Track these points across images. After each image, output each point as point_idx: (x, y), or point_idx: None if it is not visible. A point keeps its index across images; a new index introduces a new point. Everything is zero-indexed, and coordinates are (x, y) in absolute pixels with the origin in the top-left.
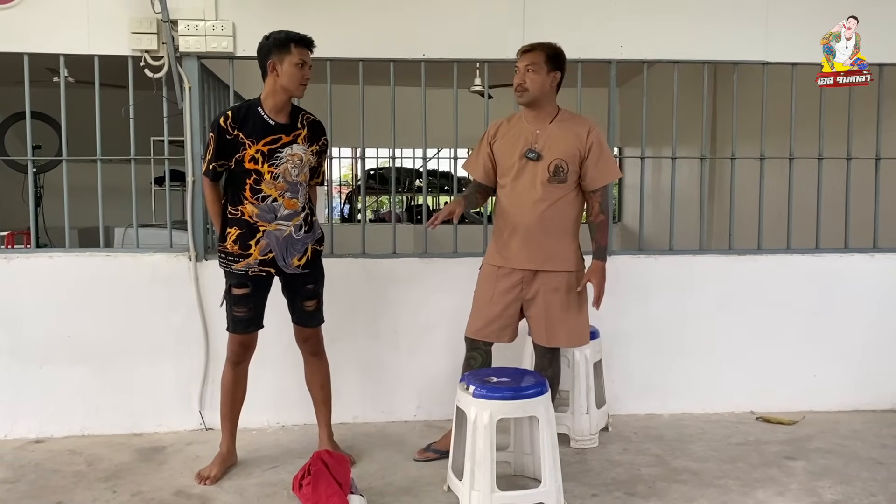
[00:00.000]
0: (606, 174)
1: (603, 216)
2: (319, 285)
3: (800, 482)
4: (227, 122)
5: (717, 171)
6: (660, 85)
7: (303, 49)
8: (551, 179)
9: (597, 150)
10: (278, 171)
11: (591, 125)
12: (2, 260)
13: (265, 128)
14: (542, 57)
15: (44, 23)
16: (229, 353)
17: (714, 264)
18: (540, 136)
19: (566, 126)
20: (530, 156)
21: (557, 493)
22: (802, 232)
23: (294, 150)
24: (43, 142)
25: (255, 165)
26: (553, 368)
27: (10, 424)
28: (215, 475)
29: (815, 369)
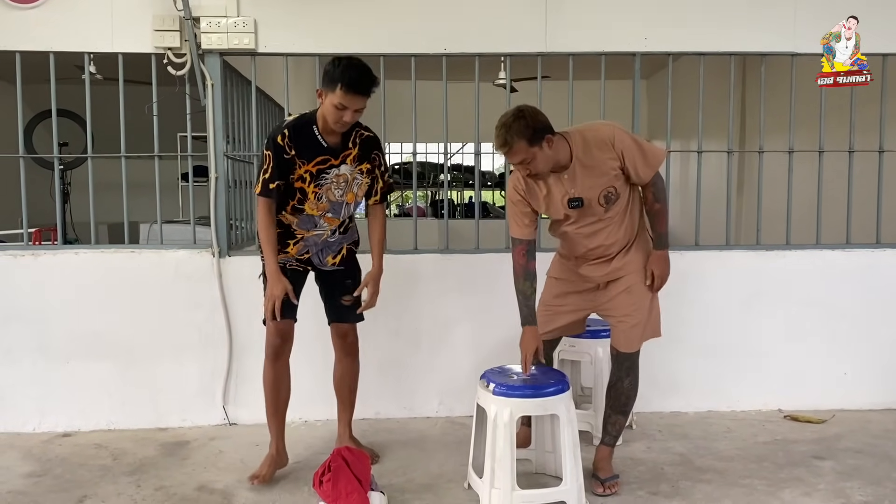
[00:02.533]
0: (651, 164)
1: (658, 205)
2: (357, 281)
3: (828, 482)
4: (284, 141)
5: (745, 164)
6: (688, 77)
7: (348, 95)
8: (608, 207)
9: (629, 151)
10: (321, 192)
11: (606, 132)
12: (30, 256)
13: (317, 148)
14: (524, 146)
15: (68, 22)
16: (267, 348)
17: (741, 260)
18: (570, 179)
19: (592, 155)
20: (574, 205)
21: (579, 491)
22: (832, 227)
23: (341, 171)
24: (70, 139)
25: (302, 184)
26: (631, 379)
27: (39, 419)
28: (265, 476)
29: (846, 367)
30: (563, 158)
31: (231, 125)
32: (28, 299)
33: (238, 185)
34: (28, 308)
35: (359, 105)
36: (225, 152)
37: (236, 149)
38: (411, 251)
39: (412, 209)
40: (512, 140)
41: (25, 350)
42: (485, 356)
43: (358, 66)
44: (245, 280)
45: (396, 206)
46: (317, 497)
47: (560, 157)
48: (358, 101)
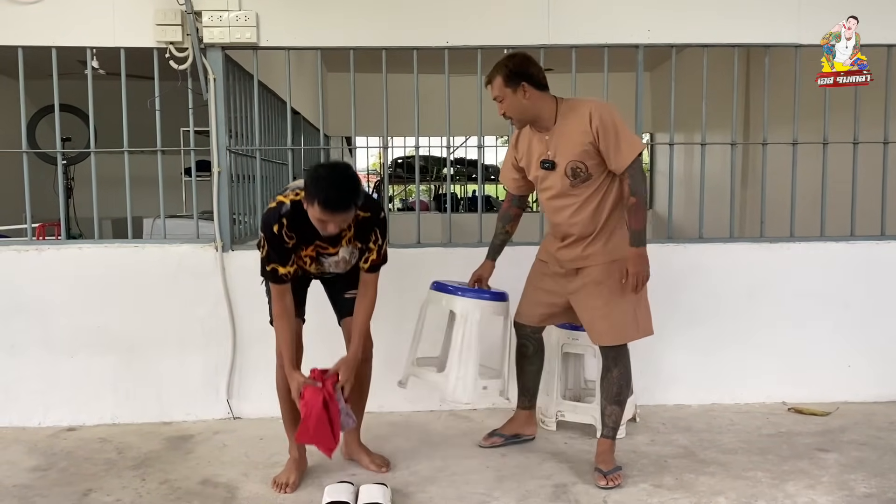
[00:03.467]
0: (627, 153)
1: (634, 198)
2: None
3: (832, 475)
4: (281, 232)
5: (749, 157)
6: (691, 69)
7: (326, 212)
8: (574, 183)
9: (605, 131)
10: (322, 268)
11: (591, 107)
12: (33, 251)
13: (314, 234)
14: (500, 81)
15: (70, 17)
16: (278, 356)
17: (745, 252)
18: (550, 140)
19: (568, 122)
20: (545, 166)
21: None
22: (837, 219)
23: (340, 255)
24: (73, 134)
25: (302, 264)
26: (620, 369)
27: (43, 413)
28: (294, 481)
29: (850, 360)
30: (546, 117)
31: (233, 119)
32: (32, 294)
33: (241, 179)
34: (32, 303)
35: (342, 220)
36: (228, 147)
37: (239, 143)
38: (414, 245)
39: (415, 203)
40: (492, 74)
41: (30, 344)
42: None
43: (337, 183)
44: (248, 274)
45: (400, 199)
46: (319, 490)
47: (540, 114)
48: (340, 218)
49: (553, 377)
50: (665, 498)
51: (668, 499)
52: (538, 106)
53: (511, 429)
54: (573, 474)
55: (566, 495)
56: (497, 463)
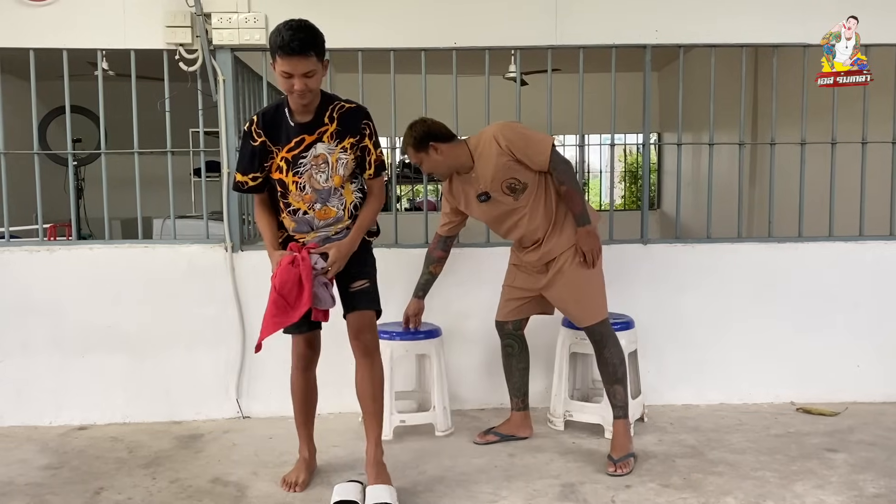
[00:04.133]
0: (541, 153)
1: (564, 187)
2: (368, 266)
3: (841, 475)
4: (252, 128)
5: (758, 156)
6: (699, 69)
7: (285, 58)
8: (516, 197)
9: (514, 144)
10: (303, 181)
11: (493, 132)
12: (45, 252)
13: (289, 130)
14: (412, 151)
15: (81, 18)
16: (294, 358)
17: (753, 252)
18: (476, 178)
19: (483, 154)
20: (483, 199)
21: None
22: (845, 219)
23: (318, 151)
24: (84, 135)
25: (280, 175)
26: (609, 348)
27: (55, 412)
28: (303, 481)
29: (859, 360)
30: (464, 161)
31: (242, 120)
32: (43, 294)
33: None
34: (44, 302)
35: (302, 69)
36: (237, 147)
37: None
38: (421, 245)
39: (422, 203)
40: (404, 145)
41: (42, 344)
42: (494, 349)
43: (292, 26)
44: (258, 274)
45: (407, 199)
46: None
47: (458, 161)
48: (300, 64)
49: (560, 377)
50: (673, 497)
51: (677, 498)
52: (454, 155)
53: (507, 429)
54: (581, 474)
55: (574, 495)
56: (505, 462)
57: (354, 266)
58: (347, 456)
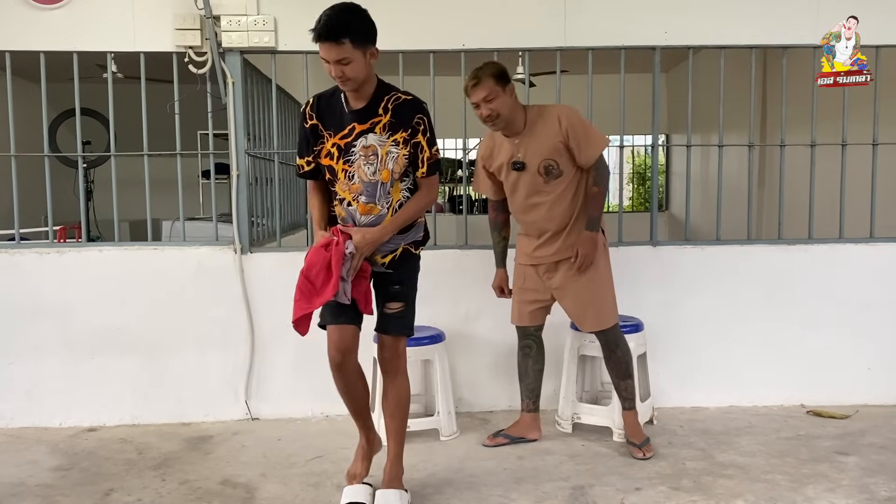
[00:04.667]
0: (593, 149)
1: (596, 188)
2: (409, 287)
3: (852, 478)
4: (306, 109)
5: (767, 158)
6: (708, 71)
7: (321, 45)
8: (547, 180)
9: (574, 130)
10: (352, 170)
11: (559, 111)
12: (55, 254)
13: (342, 115)
14: (492, 82)
15: (91, 21)
16: (329, 360)
17: (763, 254)
18: (519, 145)
19: (538, 126)
20: (517, 167)
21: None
22: (856, 220)
23: (368, 142)
24: (93, 138)
25: (331, 161)
26: (620, 348)
27: (65, 413)
28: (359, 473)
29: (869, 362)
30: (518, 123)
31: (252, 123)
32: (54, 296)
33: (259, 182)
34: (54, 304)
35: (335, 55)
36: (246, 150)
37: (257, 146)
38: (430, 247)
39: None
40: (482, 74)
41: (52, 346)
42: (504, 351)
43: (332, 9)
44: (267, 276)
45: None
46: (336, 488)
47: (516, 118)
48: (332, 51)
49: (569, 380)
50: (683, 500)
51: (686, 501)
52: (517, 107)
53: (517, 431)
54: (591, 476)
55: (584, 497)
56: (514, 465)
57: (396, 283)
58: None
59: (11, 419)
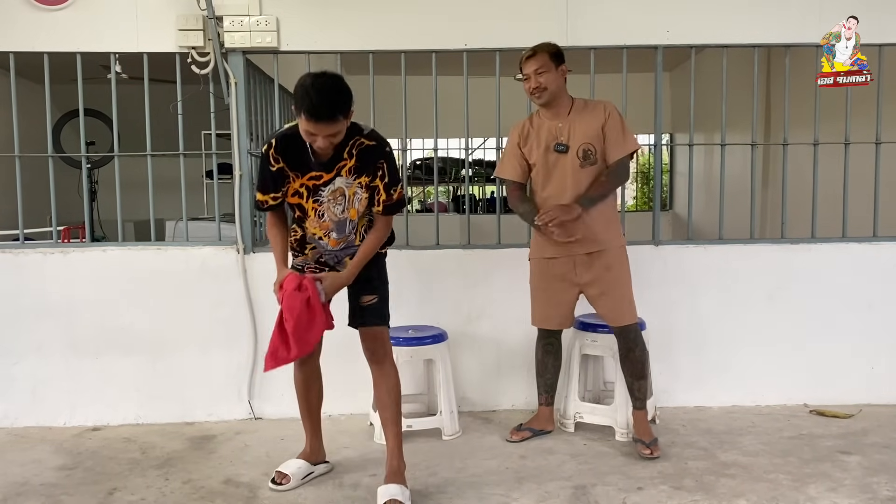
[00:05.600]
0: (623, 147)
1: (605, 178)
2: (379, 281)
3: (854, 478)
4: (270, 152)
5: (770, 157)
6: (711, 70)
7: (311, 122)
8: (583, 164)
9: (614, 122)
10: (322, 209)
11: (606, 103)
12: (59, 254)
13: (308, 160)
14: (547, 57)
15: (94, 22)
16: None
17: (766, 254)
18: (563, 128)
19: (584, 112)
20: (559, 149)
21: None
22: (859, 220)
23: (336, 185)
24: (97, 138)
25: (300, 200)
26: (639, 346)
27: (69, 413)
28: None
29: (873, 361)
30: (563, 105)
31: (255, 123)
32: (58, 296)
33: None
34: (58, 304)
35: (328, 131)
36: (249, 150)
37: (260, 146)
38: (433, 247)
39: (434, 205)
40: (539, 48)
41: (56, 345)
42: (507, 351)
43: (321, 87)
44: (269, 276)
45: (418, 201)
46: (345, 489)
47: (562, 100)
48: (326, 128)
49: (571, 379)
50: (685, 500)
51: (688, 501)
52: (564, 92)
53: (538, 424)
54: (593, 476)
55: (586, 497)
56: (516, 464)
57: (366, 280)
58: (358, 457)
59: (16, 419)
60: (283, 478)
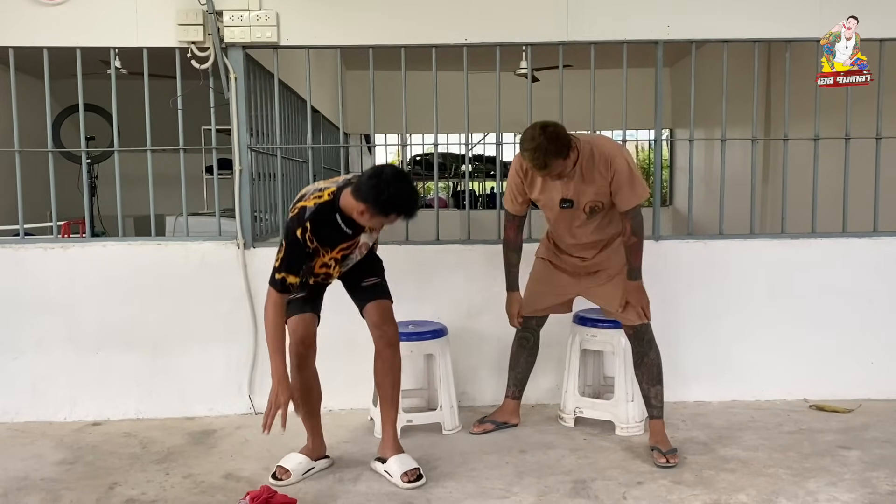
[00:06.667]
0: (633, 198)
1: (635, 238)
2: (376, 263)
3: (854, 472)
4: (305, 235)
5: (770, 152)
6: (711, 65)
7: (401, 218)
8: (590, 217)
9: (620, 176)
10: (347, 263)
11: (612, 155)
12: (59, 249)
13: (340, 236)
14: (560, 162)
15: (94, 17)
16: (291, 357)
17: (766, 249)
18: (569, 185)
19: (588, 167)
20: (565, 205)
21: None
22: (859, 215)
23: (361, 241)
24: (97, 133)
25: (327, 270)
26: (653, 350)
27: (70, 408)
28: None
29: (873, 357)
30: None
31: (254, 118)
32: (58, 291)
33: (262, 177)
34: (58, 299)
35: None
36: (249, 145)
37: (260, 141)
38: (433, 242)
39: (433, 200)
40: (550, 161)
41: (57, 341)
42: (507, 346)
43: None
44: (270, 271)
45: None
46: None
47: (570, 166)
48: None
49: (571, 374)
50: (685, 494)
51: (688, 495)
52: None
53: (501, 416)
54: (593, 470)
55: (586, 491)
56: (516, 459)
57: (362, 268)
58: (358, 452)
59: (17, 414)
60: (284, 473)
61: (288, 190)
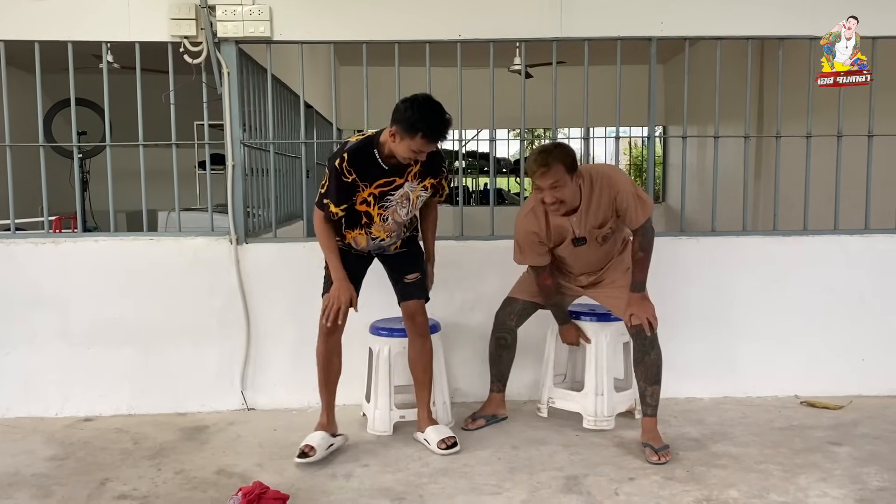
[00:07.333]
0: (642, 213)
1: (642, 253)
2: (420, 257)
3: (844, 468)
4: (343, 166)
5: (763, 149)
6: (705, 62)
7: (428, 142)
8: (603, 243)
9: (624, 198)
10: (387, 213)
11: (611, 175)
12: (50, 244)
13: (378, 171)
14: (563, 170)
15: (86, 11)
16: (321, 325)
17: (758, 246)
18: (576, 222)
19: (592, 200)
20: (579, 244)
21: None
22: (851, 212)
23: (404, 190)
24: (89, 128)
25: (367, 208)
26: (655, 350)
27: (61, 403)
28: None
29: (863, 353)
30: (575, 203)
31: (247, 113)
32: (50, 286)
33: (255, 172)
34: (50, 295)
35: (434, 147)
36: (242, 140)
37: (253, 137)
38: (447, 237)
39: None
40: (552, 160)
41: (48, 336)
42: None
43: (438, 111)
44: (262, 267)
45: None
46: (340, 479)
47: (574, 200)
48: (433, 146)
49: (547, 364)
50: (676, 490)
51: (680, 491)
52: (576, 191)
53: (491, 410)
54: (585, 466)
55: (578, 487)
56: (508, 455)
57: (408, 261)
58: (351, 447)
59: (7, 409)
60: (311, 449)
61: (281, 185)
